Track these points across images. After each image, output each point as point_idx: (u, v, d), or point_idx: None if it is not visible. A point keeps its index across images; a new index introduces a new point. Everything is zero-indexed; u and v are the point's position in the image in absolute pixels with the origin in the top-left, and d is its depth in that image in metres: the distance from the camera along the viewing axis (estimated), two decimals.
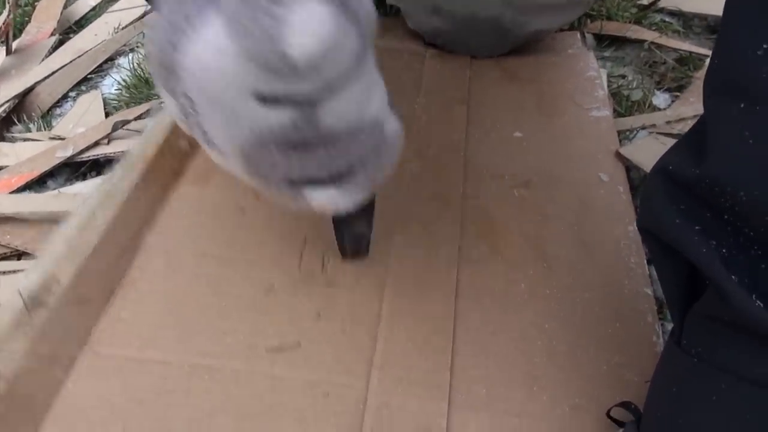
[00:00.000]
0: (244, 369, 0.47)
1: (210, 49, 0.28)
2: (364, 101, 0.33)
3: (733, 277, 0.32)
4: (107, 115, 0.81)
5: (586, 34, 0.86)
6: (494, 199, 0.61)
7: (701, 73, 0.78)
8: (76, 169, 0.73)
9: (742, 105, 0.30)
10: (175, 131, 0.61)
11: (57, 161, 0.71)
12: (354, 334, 0.49)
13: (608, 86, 0.77)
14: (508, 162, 0.65)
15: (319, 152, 0.33)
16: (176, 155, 0.63)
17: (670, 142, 0.67)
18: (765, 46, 0.28)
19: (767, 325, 0.31)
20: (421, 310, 0.51)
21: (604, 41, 0.87)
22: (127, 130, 0.74)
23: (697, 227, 0.34)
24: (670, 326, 0.51)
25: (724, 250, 0.33)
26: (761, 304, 0.31)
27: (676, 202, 0.35)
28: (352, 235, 0.51)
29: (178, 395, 0.45)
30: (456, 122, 0.70)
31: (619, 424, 0.43)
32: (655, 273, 0.56)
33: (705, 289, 0.35)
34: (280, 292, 0.52)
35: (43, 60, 0.93)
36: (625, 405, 0.43)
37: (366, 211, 0.49)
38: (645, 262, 0.55)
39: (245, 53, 0.28)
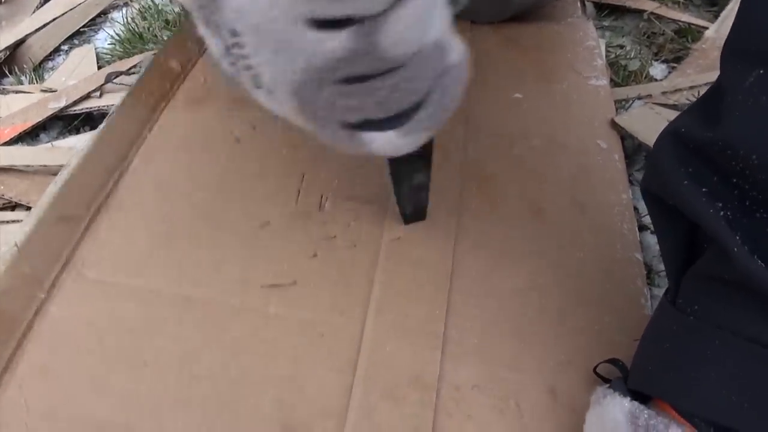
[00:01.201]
0: (238, 304, 0.46)
1: None
2: (426, 20, 0.30)
3: (737, 237, 0.33)
4: (100, 69, 0.78)
5: (587, 3, 0.85)
6: (493, 156, 0.60)
7: (699, 45, 0.78)
8: (68, 122, 0.70)
9: (761, 71, 0.30)
10: (165, 52, 0.58)
11: (50, 112, 0.68)
12: (351, 277, 0.49)
13: (606, 56, 0.77)
14: (508, 122, 0.65)
15: (378, 86, 0.30)
16: (166, 76, 0.59)
17: (666, 112, 0.68)
18: None
19: (766, 284, 0.32)
20: (419, 255, 0.50)
21: (603, 10, 0.86)
22: (120, 84, 0.72)
23: (704, 189, 0.34)
24: (657, 291, 0.53)
25: (728, 213, 0.34)
26: (763, 265, 0.32)
27: (684, 165, 0.35)
28: (411, 187, 0.48)
29: (168, 326, 0.44)
30: None
31: (605, 380, 0.44)
32: (645, 240, 0.58)
33: (703, 251, 0.36)
34: (275, 229, 0.51)
35: (34, 12, 0.90)
36: (612, 362, 0.44)
37: (424, 157, 0.45)
38: (636, 229, 0.56)
39: None
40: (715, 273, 0.35)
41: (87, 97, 0.70)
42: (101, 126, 0.52)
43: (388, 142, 0.33)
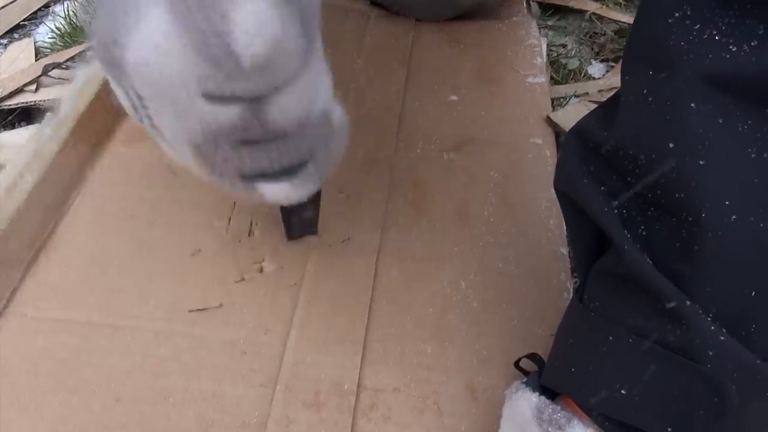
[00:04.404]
0: (165, 329, 0.48)
1: (153, 43, 0.28)
2: (312, 94, 0.33)
3: (628, 235, 0.34)
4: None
5: (531, 3, 0.87)
6: (424, 160, 0.62)
7: None
8: (4, 117, 0.71)
9: (650, 72, 0.31)
10: (107, 87, 0.61)
11: None
12: (276, 297, 0.51)
13: (548, 54, 0.78)
14: (441, 125, 0.66)
15: (270, 147, 0.33)
16: (108, 113, 0.62)
17: None
18: (676, 14, 0.30)
19: (653, 281, 0.33)
20: (342, 273, 0.52)
21: (548, 10, 0.88)
22: (58, 78, 0.72)
23: (602, 188, 0.36)
24: None
25: (624, 212, 0.35)
26: (651, 263, 0.33)
27: (586, 163, 0.37)
28: (300, 220, 0.52)
29: (98, 354, 0.46)
30: (394, 83, 0.71)
31: (526, 374, 0.45)
32: None
33: (607, 249, 0.37)
34: (206, 255, 0.53)
35: None
36: (531, 356, 0.45)
37: (314, 196, 0.48)
38: (564, 223, 0.56)
39: (192, 47, 0.27)
40: (611, 269, 0.36)
41: (22, 90, 0.70)
42: (46, 160, 0.54)
43: (281, 192, 0.36)
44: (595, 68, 0.77)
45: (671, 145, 0.31)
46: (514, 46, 0.79)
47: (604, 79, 0.75)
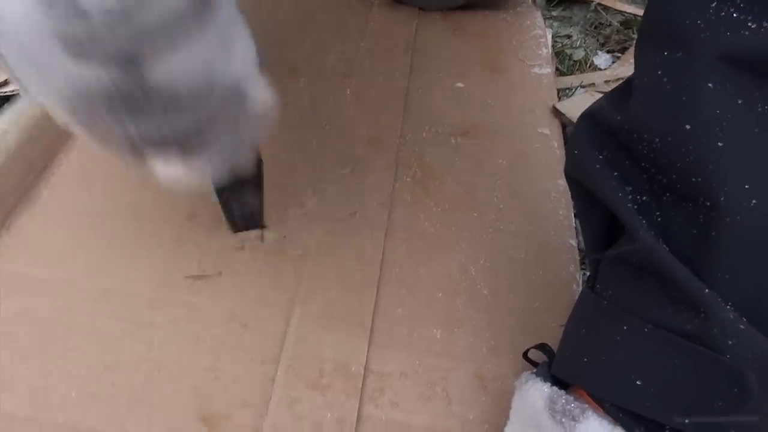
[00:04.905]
0: (159, 296, 0.45)
1: None
2: (214, 62, 0.29)
3: (643, 221, 0.33)
4: None
5: None
6: (431, 145, 0.60)
7: None
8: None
9: (665, 52, 0.30)
10: None
11: None
12: (278, 268, 0.48)
13: (553, 45, 0.77)
14: (448, 111, 0.65)
15: (158, 115, 0.29)
16: None
17: None
18: None
19: (669, 268, 0.32)
20: (349, 247, 0.50)
21: (553, 1, 0.87)
22: None
23: (615, 173, 0.34)
24: None
25: (638, 197, 0.34)
26: (667, 248, 0.32)
27: (598, 149, 0.35)
28: (240, 210, 0.47)
29: (84, 318, 0.43)
30: (398, 69, 0.69)
31: (535, 365, 0.44)
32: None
33: (620, 236, 0.36)
34: (203, 220, 0.50)
35: None
36: (540, 347, 0.44)
37: (252, 184, 0.44)
38: (573, 215, 0.56)
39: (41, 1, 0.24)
40: (625, 257, 0.35)
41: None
42: (29, 117, 0.50)
43: (174, 171, 0.32)
44: (601, 59, 0.77)
45: (688, 127, 0.30)
46: (519, 36, 0.77)
47: (610, 69, 0.74)
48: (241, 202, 0.46)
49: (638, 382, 0.33)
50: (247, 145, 0.34)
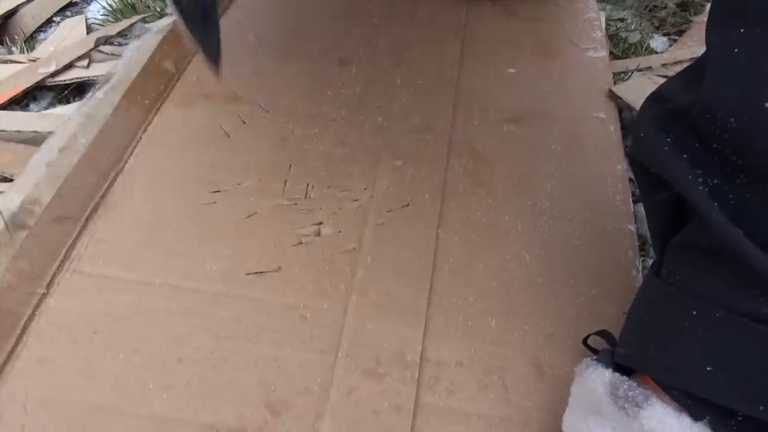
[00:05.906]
0: (224, 292, 0.47)
1: None
2: None
3: (715, 204, 0.32)
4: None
5: None
6: (483, 132, 0.60)
7: (701, 18, 0.76)
8: (58, 92, 0.72)
9: (742, 29, 0.29)
10: (160, 53, 0.60)
11: (39, 77, 0.69)
12: (335, 261, 0.49)
13: (606, 28, 0.75)
14: (500, 97, 0.64)
15: None
16: (161, 77, 0.61)
17: None
18: None
19: (744, 252, 0.31)
20: (402, 239, 0.51)
21: None
22: (109, 54, 0.73)
23: (684, 155, 0.33)
24: (651, 263, 0.52)
25: (709, 180, 0.33)
26: (741, 232, 0.31)
27: (666, 131, 0.34)
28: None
29: (158, 314, 0.46)
30: (449, 55, 0.69)
31: (595, 352, 0.44)
32: (640, 212, 0.56)
33: (688, 221, 0.35)
34: (263, 218, 0.52)
35: None
36: (601, 334, 0.43)
37: None
38: (630, 200, 0.54)
39: None
40: (694, 242, 0.34)
41: (74, 65, 0.70)
42: (99, 122, 0.54)
43: None
44: (657, 42, 0.74)
45: (767, 105, 0.29)
46: (572, 19, 0.76)
47: (668, 52, 0.72)
48: None
49: (709, 368, 0.33)
50: None
